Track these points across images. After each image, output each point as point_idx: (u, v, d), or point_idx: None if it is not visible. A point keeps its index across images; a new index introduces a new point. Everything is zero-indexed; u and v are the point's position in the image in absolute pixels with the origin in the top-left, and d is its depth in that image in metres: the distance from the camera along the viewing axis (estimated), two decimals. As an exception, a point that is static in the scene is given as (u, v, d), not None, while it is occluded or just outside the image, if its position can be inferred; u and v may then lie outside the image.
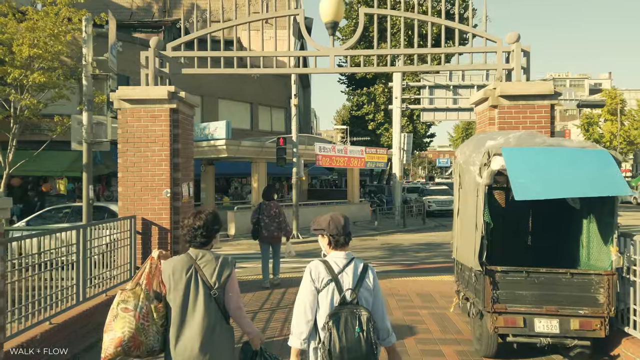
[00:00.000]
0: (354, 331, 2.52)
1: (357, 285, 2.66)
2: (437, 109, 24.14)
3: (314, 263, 2.74)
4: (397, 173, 21.48)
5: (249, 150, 16.79)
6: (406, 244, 14.96)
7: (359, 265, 2.73)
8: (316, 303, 2.67)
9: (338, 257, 2.73)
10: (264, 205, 8.25)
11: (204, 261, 2.89)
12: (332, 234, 2.74)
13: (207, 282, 2.85)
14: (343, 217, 2.83)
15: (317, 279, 2.68)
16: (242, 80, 25.66)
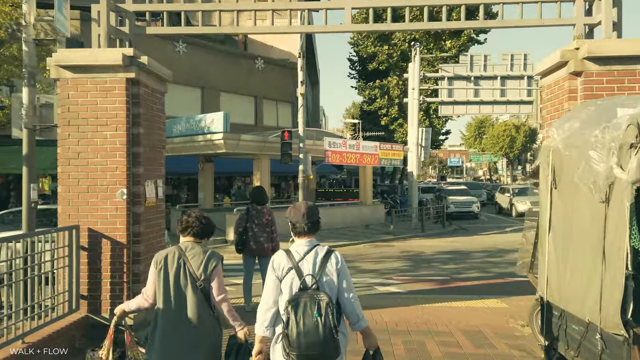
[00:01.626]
0: (312, 316, 2.52)
1: (318, 271, 2.68)
2: (457, 102, 22.20)
3: (277, 253, 2.81)
4: (414, 171, 19.55)
5: (250, 145, 14.96)
6: (428, 252, 13.05)
7: (321, 252, 2.77)
8: (278, 292, 2.70)
9: (300, 245, 2.77)
10: (254, 211, 6.43)
11: (192, 253, 3.05)
12: (292, 222, 2.81)
13: (194, 273, 3.01)
14: (306, 205, 2.87)
15: (278, 267, 2.72)
16: (246, 72, 23.87)
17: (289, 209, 2.90)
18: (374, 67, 25.13)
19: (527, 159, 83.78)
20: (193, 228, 3.09)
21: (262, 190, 6.69)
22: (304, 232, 2.78)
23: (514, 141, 69.93)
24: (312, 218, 2.81)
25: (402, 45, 24.11)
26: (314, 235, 2.83)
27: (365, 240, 15.85)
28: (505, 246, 14.16)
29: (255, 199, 6.52)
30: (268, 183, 15.84)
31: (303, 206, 2.84)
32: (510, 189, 26.01)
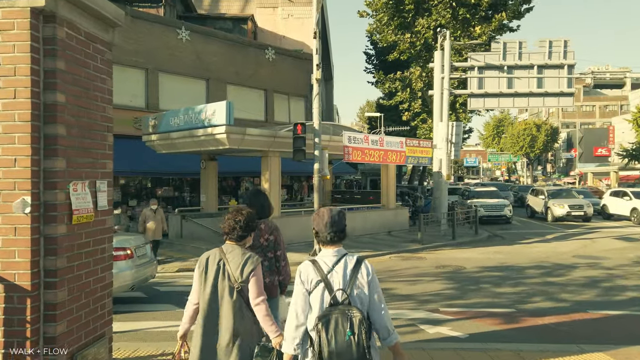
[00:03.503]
0: (345, 334, 2.38)
1: (348, 284, 2.52)
2: (488, 94, 19.96)
3: (304, 264, 2.62)
4: (443, 171, 17.33)
5: (258, 140, 12.91)
6: (469, 268, 10.87)
7: (350, 262, 2.59)
8: (308, 306, 2.53)
9: (327, 255, 2.61)
10: None
11: (233, 255, 3.08)
12: (317, 231, 2.65)
13: (232, 275, 2.99)
14: (330, 212, 2.66)
15: (307, 280, 2.55)
16: (256, 63, 21.87)
17: (312, 217, 2.71)
18: (394, 57, 22.92)
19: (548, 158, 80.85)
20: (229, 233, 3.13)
21: (259, 196, 4.35)
22: (328, 241, 2.61)
23: (535, 140, 67.22)
24: (337, 226, 2.61)
25: (425, 33, 21.87)
26: (340, 244, 2.64)
27: (390, 250, 13.73)
28: (559, 259, 11.92)
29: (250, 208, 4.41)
30: (278, 184, 13.79)
31: (326, 213, 2.64)
32: (544, 191, 23.65)
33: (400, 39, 22.50)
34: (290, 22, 25.47)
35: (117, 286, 7.07)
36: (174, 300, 7.91)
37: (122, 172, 16.12)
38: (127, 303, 7.69)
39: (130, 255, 7.28)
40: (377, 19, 22.93)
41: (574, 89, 20.43)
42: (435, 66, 19.50)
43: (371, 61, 33.10)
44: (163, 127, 13.77)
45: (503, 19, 21.63)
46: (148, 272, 7.86)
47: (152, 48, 18.23)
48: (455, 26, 21.56)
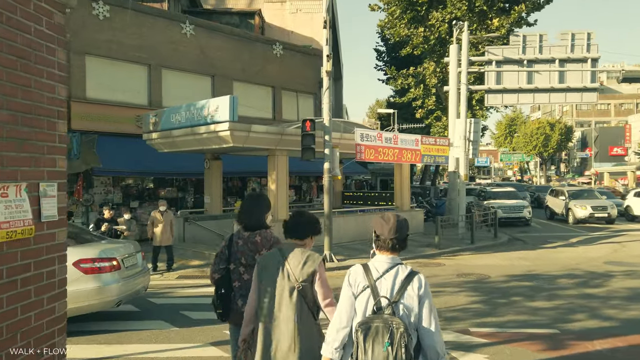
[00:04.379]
0: (383, 345, 2.27)
1: (396, 294, 2.40)
2: (507, 89, 18.95)
3: (354, 267, 2.57)
4: (461, 171, 16.37)
5: (264, 138, 12.06)
6: (494, 276, 9.92)
7: (402, 272, 2.48)
8: (353, 309, 2.46)
9: (380, 261, 2.53)
10: (241, 242, 3.45)
11: (293, 255, 2.94)
12: (377, 234, 2.55)
13: (293, 275, 2.86)
14: (396, 218, 2.55)
15: (354, 283, 2.49)
16: (263, 59, 21.03)
17: (375, 219, 2.62)
18: (407, 52, 21.97)
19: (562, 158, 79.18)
20: (292, 231, 3.06)
21: (256, 202, 3.55)
22: (387, 247, 2.52)
23: (549, 139, 65.78)
24: (401, 234, 2.52)
25: (440, 27, 20.90)
26: (397, 253, 2.56)
27: (406, 255, 12.80)
28: (591, 267, 10.93)
29: (244, 218, 3.48)
30: (286, 185, 12.93)
31: (392, 219, 2.54)
32: (565, 191, 22.55)
33: (413, 33, 21.56)
34: (299, 16, 24.62)
35: (100, 302, 6.26)
36: (167, 315, 7.08)
37: (123, 172, 15.38)
38: (112, 319, 6.86)
39: (116, 266, 6.46)
40: (389, 12, 22.01)
41: (598, 84, 19.37)
42: (450, 60, 18.56)
43: (382, 58, 32.14)
44: (164, 124, 12.98)
45: (522, 10, 20.61)
46: (139, 285, 7.04)
47: (155, 43, 17.48)
48: (471, 19, 20.57)
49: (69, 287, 6.18)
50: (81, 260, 6.24)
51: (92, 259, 6.30)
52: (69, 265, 6.30)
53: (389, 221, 2.52)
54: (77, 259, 6.22)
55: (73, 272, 6.15)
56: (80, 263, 6.22)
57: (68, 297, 6.14)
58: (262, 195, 3.62)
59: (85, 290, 6.17)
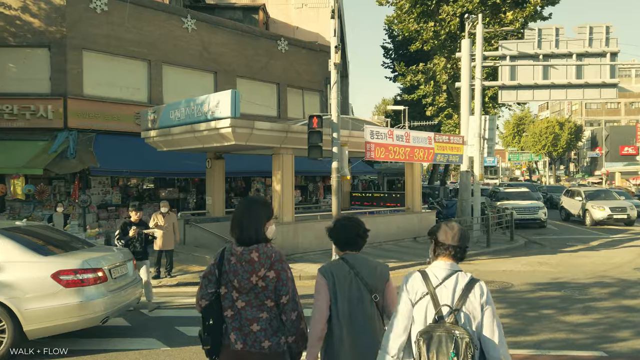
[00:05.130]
0: (448, 356, 2.17)
1: (458, 302, 2.31)
2: (521, 85, 18.16)
3: (412, 273, 2.51)
4: (476, 170, 15.59)
5: (268, 135, 11.33)
6: (517, 284, 9.14)
7: (463, 279, 2.39)
8: (411, 317, 2.38)
9: (439, 268, 2.45)
10: (233, 259, 2.63)
11: (361, 264, 2.81)
12: (439, 241, 2.48)
13: (367, 285, 2.74)
14: (459, 227, 2.52)
15: (412, 290, 2.41)
16: (267, 55, 20.33)
17: (438, 225, 2.56)
18: (416, 47, 21.18)
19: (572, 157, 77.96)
20: (343, 245, 2.92)
21: (252, 208, 2.73)
22: (449, 254, 2.46)
23: (558, 139, 64.72)
24: (463, 243, 2.48)
25: (451, 21, 20.09)
26: (457, 262, 2.48)
27: (418, 260, 12.06)
28: (621, 274, 10.13)
29: (237, 230, 2.69)
30: (291, 185, 12.21)
31: (457, 227, 2.51)
32: (581, 192, 21.68)
33: (423, 28, 20.76)
34: (305, 12, 23.89)
35: (83, 319, 5.54)
36: (161, 332, 6.35)
37: (122, 172, 14.71)
38: (99, 336, 6.14)
39: (102, 278, 5.73)
40: (398, 6, 21.23)
41: (617, 80, 18.52)
42: (462, 55, 17.77)
43: (389, 55, 31.41)
44: (163, 121, 12.29)
45: (537, 3, 19.76)
46: (130, 297, 6.32)
47: (156, 38, 16.81)
48: (484, 12, 19.76)
49: (47, 302, 5.51)
50: (61, 272, 5.51)
51: (74, 270, 5.57)
52: (47, 277, 5.61)
53: (453, 229, 2.49)
54: (56, 270, 5.50)
55: (51, 286, 5.46)
56: (59, 275, 5.50)
57: (46, 314, 5.46)
58: (259, 199, 2.83)
59: (66, 306, 5.45)
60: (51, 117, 14.67)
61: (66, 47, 14.87)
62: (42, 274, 5.50)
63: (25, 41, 14.84)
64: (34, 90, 14.83)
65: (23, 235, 6.09)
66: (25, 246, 5.74)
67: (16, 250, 5.62)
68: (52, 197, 14.58)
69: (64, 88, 14.85)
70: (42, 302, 5.42)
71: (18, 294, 5.39)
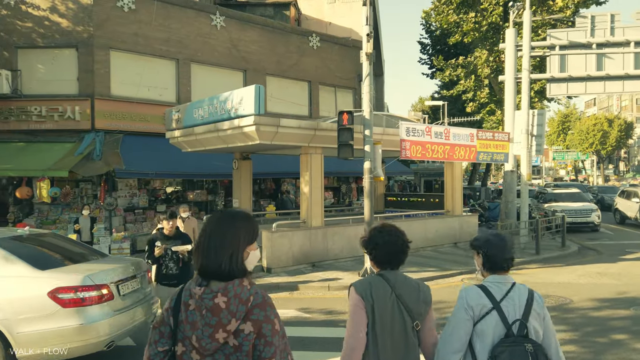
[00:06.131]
0: None
1: (524, 315, 2.28)
2: (572, 77, 16.69)
3: (471, 288, 2.38)
4: (523, 170, 14.35)
5: (295, 134, 10.56)
6: (577, 300, 8.01)
7: (523, 291, 2.36)
8: (468, 336, 2.30)
9: (498, 282, 2.37)
10: (193, 302, 1.76)
11: (402, 284, 2.42)
12: (490, 253, 2.41)
13: (411, 311, 2.37)
14: (506, 237, 2.50)
15: (476, 305, 2.30)
16: (298, 52, 19.63)
17: (486, 239, 2.45)
18: (456, 40, 19.99)
19: (622, 156, 73.85)
20: (391, 260, 2.47)
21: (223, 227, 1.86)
22: (502, 267, 2.41)
23: (607, 136, 61.31)
24: (511, 252, 2.47)
25: (494, 10, 18.82)
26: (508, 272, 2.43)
27: (461, 268, 11.02)
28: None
29: (201, 258, 1.82)
30: (320, 187, 11.40)
31: (507, 239, 2.46)
32: (639, 193, 19.91)
33: (462, 19, 19.57)
34: (337, 7, 23.05)
35: (84, 344, 4.83)
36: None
37: (149, 174, 14.29)
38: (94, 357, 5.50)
39: (107, 295, 5.05)
40: None
41: (682, 70, 16.78)
42: (507, 46, 16.49)
43: (426, 51, 30.16)
44: (186, 120, 11.74)
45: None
46: (141, 317, 5.59)
47: (184, 36, 16.38)
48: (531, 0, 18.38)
49: (43, 324, 4.75)
50: (59, 289, 4.86)
51: (74, 287, 4.91)
52: (43, 295, 4.87)
53: (504, 240, 2.43)
54: (53, 287, 4.85)
55: (48, 305, 4.82)
56: (57, 293, 4.85)
57: (41, 339, 4.75)
58: (239, 213, 1.95)
59: (64, 330, 4.77)
60: (78, 119, 14.43)
61: (93, 46, 14.61)
62: (37, 292, 4.87)
63: (53, 42, 14.67)
64: (62, 92, 14.63)
65: (21, 245, 5.53)
66: (21, 258, 5.15)
67: (8, 263, 5.04)
68: (80, 200, 14.34)
69: (91, 89, 14.60)
70: (37, 324, 4.78)
71: (9, 315, 4.78)
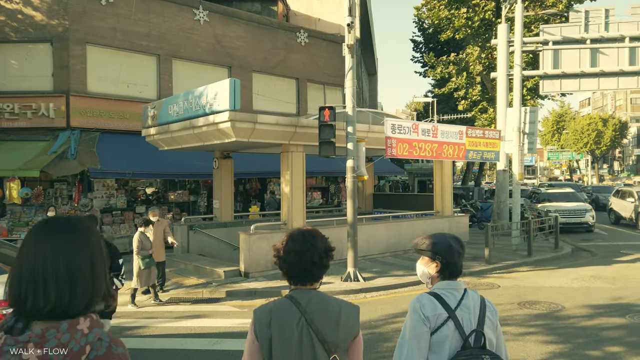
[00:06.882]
0: None
1: (479, 324, 2.10)
2: (565, 74, 16.29)
3: (423, 297, 2.13)
4: (515, 169, 13.85)
5: (274, 131, 10.01)
6: (569, 306, 7.50)
7: (474, 297, 2.16)
8: (427, 349, 2.08)
9: (451, 289, 2.15)
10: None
11: (319, 309, 1.90)
12: (451, 262, 2.16)
13: (326, 343, 1.87)
14: (453, 237, 2.26)
15: (432, 316, 2.08)
16: (286, 48, 19.09)
17: (428, 238, 2.22)
18: (447, 36, 19.51)
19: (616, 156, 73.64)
20: (303, 274, 1.92)
21: (56, 243, 1.22)
22: (457, 273, 2.19)
23: (601, 136, 61.04)
24: (464, 253, 2.25)
25: (486, 6, 18.36)
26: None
27: (448, 272, 10.50)
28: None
29: (11, 290, 1.20)
30: (302, 187, 10.85)
31: (451, 239, 2.21)
32: (634, 193, 19.49)
33: (454, 14, 19.10)
34: (326, 2, 22.55)
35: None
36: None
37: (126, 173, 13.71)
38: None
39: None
40: None
41: (678, 66, 16.38)
42: (499, 42, 16.06)
43: (419, 49, 29.73)
44: (162, 117, 11.18)
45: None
46: None
47: (165, 31, 15.81)
48: (522, -6, 17.93)
49: None
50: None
51: None
52: None
53: (460, 243, 2.21)
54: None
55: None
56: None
57: None
58: (76, 222, 1.31)
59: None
60: (53, 116, 13.83)
61: (69, 41, 14.02)
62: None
63: (27, 36, 14.07)
64: (36, 88, 14.03)
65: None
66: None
67: None
68: (54, 201, 13.75)
69: (66, 85, 14.00)
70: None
71: None
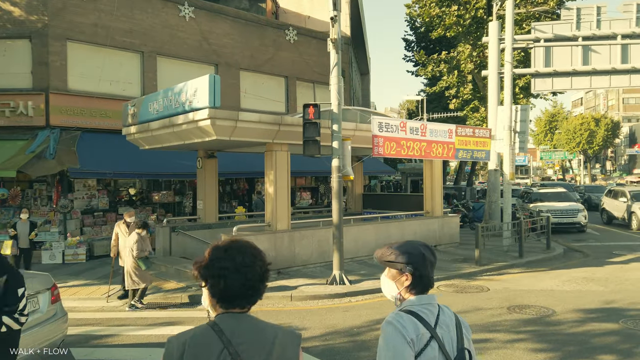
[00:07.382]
0: None
1: (459, 341, 1.91)
2: (557, 72, 16.06)
3: (401, 317, 1.86)
4: (506, 169, 13.57)
5: (257, 129, 9.66)
6: (560, 310, 7.22)
7: (450, 314, 1.96)
8: None
9: (427, 304, 1.92)
10: None
11: (248, 338, 1.57)
12: (424, 273, 1.91)
13: None
14: (424, 245, 2.00)
15: (416, 337, 1.82)
16: (275, 46, 18.74)
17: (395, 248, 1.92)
18: (438, 34, 19.23)
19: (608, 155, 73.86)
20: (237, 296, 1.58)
21: None
22: (430, 286, 1.97)
23: (594, 136, 61.15)
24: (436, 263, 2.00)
25: (477, 3, 18.10)
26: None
27: (437, 274, 10.18)
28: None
29: None
30: (287, 187, 10.51)
31: (422, 247, 1.96)
32: (626, 192, 19.31)
33: (445, 12, 18.82)
34: (316, 0, 22.22)
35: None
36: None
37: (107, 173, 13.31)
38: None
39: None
40: None
41: (670, 64, 16.16)
42: (490, 40, 15.81)
43: (411, 48, 29.45)
44: (142, 115, 10.81)
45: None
46: (43, 340, 4.70)
47: (149, 27, 15.42)
48: (514, -9, 17.68)
49: None
50: None
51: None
52: None
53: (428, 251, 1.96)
54: None
55: None
56: None
57: None
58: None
59: None
60: (32, 114, 13.40)
61: (48, 37, 13.59)
62: None
63: (5, 32, 13.63)
64: (14, 85, 13.59)
65: None
66: None
67: None
68: (32, 202, 13.32)
69: (46, 82, 13.58)
70: None
71: None
